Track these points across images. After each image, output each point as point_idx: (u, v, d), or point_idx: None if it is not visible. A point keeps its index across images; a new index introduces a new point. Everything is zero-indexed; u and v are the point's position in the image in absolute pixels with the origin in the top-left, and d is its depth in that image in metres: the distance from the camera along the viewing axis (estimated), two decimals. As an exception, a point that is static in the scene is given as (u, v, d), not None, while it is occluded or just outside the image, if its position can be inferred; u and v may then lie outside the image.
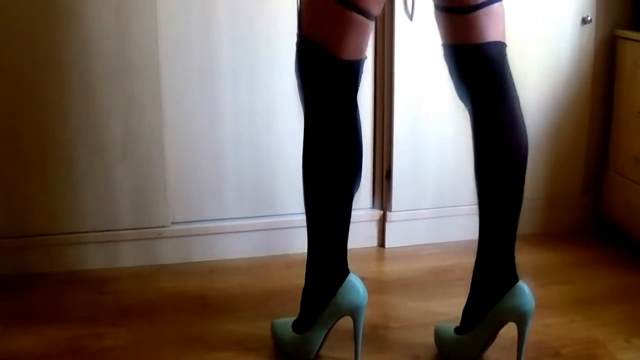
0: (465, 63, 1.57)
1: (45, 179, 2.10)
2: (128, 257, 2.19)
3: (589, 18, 2.31)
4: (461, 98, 1.63)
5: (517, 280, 1.61)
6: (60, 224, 2.14)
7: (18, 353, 1.73)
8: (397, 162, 2.29)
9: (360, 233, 2.31)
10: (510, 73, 1.57)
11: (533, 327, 1.81)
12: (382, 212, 2.34)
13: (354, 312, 1.62)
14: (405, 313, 1.93)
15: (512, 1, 2.23)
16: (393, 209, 2.32)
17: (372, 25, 1.52)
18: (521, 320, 1.59)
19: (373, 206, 2.35)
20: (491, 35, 1.52)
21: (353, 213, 2.29)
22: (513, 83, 1.58)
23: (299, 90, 1.57)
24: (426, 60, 2.23)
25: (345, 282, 1.61)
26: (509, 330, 1.62)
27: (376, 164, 2.32)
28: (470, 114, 1.62)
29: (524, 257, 2.25)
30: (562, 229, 2.45)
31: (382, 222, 2.34)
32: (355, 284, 1.62)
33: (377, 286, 2.07)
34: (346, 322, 1.65)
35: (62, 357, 1.72)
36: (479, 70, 1.56)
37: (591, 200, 2.47)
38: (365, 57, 1.56)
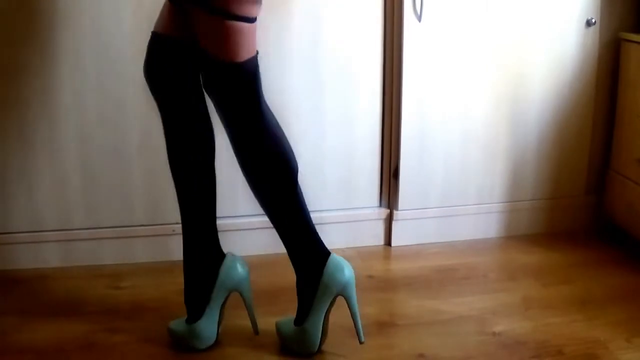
0: None
1: (60, 175, 2.14)
2: (142, 253, 2.23)
3: (593, 20, 2.33)
4: None
5: (328, 254, 1.67)
6: (76, 219, 2.18)
7: (33, 346, 1.77)
8: (404, 161, 2.31)
9: (367, 231, 2.35)
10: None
11: (536, 327, 1.86)
12: (389, 210, 2.37)
13: (344, 290, 1.66)
14: (411, 311, 1.96)
15: (517, 3, 2.27)
16: (400, 208, 2.35)
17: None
18: (345, 290, 1.65)
19: (380, 205, 2.38)
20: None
21: (360, 212, 2.34)
22: None
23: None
24: (434, 61, 2.26)
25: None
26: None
27: (384, 162, 2.35)
28: None
29: (528, 257, 2.29)
30: (565, 230, 2.48)
31: (389, 220, 2.37)
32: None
33: (383, 284, 2.10)
34: (348, 320, 1.70)
35: (76, 350, 1.75)
36: None
37: (594, 201, 2.49)
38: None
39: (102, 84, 2.10)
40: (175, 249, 2.23)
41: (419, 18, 2.21)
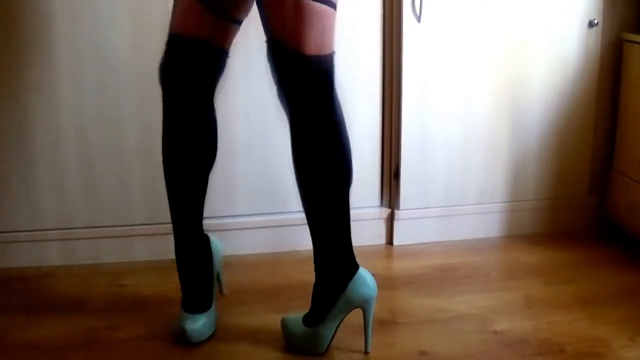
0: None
1: (60, 174, 2.15)
2: (142, 251, 2.23)
3: (595, 21, 2.33)
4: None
5: (357, 268, 1.68)
6: (76, 218, 2.19)
7: (37, 343, 1.77)
8: (405, 161, 2.32)
9: (369, 231, 2.34)
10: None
11: (538, 325, 1.86)
12: (390, 210, 2.37)
13: (364, 305, 1.68)
14: (412, 309, 1.96)
15: (518, 4, 2.27)
16: (401, 207, 2.35)
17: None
18: (366, 305, 1.68)
19: (381, 204, 2.38)
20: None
21: (362, 211, 2.34)
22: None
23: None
24: (434, 61, 2.26)
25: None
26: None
27: (384, 162, 2.35)
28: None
29: (529, 257, 2.29)
30: (567, 229, 2.47)
31: (390, 220, 2.37)
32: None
33: (384, 283, 2.09)
34: (354, 317, 1.70)
35: (79, 347, 1.76)
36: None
37: (596, 201, 2.49)
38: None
39: (101, 82, 2.10)
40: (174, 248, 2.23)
41: (418, 19, 2.22)
